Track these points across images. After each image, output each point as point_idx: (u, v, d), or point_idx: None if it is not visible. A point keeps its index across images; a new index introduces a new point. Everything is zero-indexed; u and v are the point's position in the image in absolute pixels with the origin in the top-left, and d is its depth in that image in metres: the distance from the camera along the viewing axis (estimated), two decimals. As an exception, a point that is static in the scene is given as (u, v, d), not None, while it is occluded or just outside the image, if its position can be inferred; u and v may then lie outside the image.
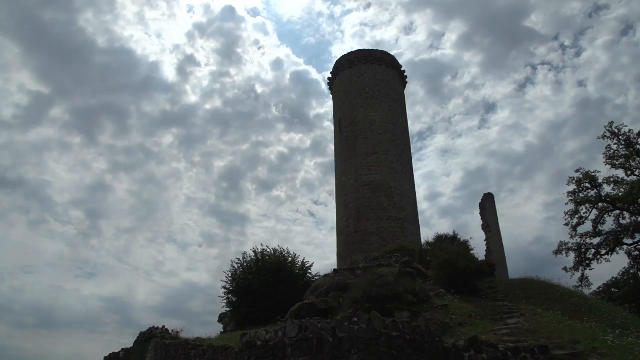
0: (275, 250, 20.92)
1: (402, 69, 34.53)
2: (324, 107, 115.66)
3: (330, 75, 35.14)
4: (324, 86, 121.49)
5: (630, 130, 26.13)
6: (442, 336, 10.17)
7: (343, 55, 33.98)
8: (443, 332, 11.25)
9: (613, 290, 25.46)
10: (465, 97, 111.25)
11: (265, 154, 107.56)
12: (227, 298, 20.42)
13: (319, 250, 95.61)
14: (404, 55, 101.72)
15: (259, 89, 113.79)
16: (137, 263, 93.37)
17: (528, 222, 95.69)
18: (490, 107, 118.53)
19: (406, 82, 35.29)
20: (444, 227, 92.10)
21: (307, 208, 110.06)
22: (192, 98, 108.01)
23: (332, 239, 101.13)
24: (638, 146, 26.07)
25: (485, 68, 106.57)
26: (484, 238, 29.28)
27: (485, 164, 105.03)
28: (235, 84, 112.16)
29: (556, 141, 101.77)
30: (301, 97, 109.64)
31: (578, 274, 27.10)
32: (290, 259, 20.73)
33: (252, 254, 20.73)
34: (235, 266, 20.63)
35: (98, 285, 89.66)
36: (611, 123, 26.58)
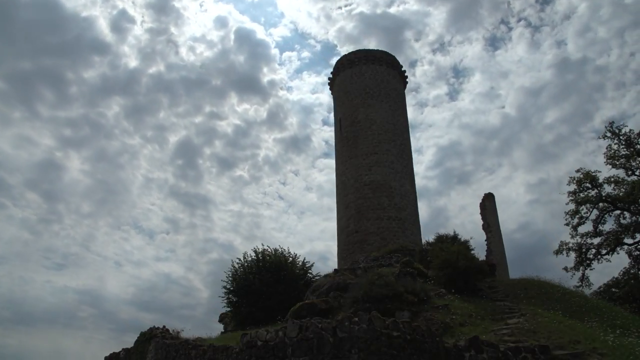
0: (275, 250, 20.99)
1: (403, 69, 34.65)
2: (277, 73, 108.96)
3: (330, 75, 35.23)
4: (275, 51, 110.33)
5: (630, 130, 26.52)
6: (443, 336, 10.19)
7: (343, 55, 34.20)
8: (443, 332, 11.25)
9: (613, 290, 25.46)
10: (430, 60, 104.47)
11: (222, 127, 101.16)
12: (228, 298, 20.45)
13: (292, 238, 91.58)
14: (357, 8, 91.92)
15: (204, 51, 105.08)
16: (105, 252, 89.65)
17: (511, 206, 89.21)
18: (460, 72, 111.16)
19: (407, 82, 35.38)
20: (421, 212, 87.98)
21: (274, 189, 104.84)
22: (133, 62, 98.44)
23: (302, 225, 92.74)
24: (638, 146, 26.22)
25: (451, 22, 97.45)
26: (484, 238, 29.26)
27: (458, 138, 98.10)
28: (177, 45, 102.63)
29: (534, 111, 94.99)
30: (250, 60, 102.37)
31: (578, 274, 27.19)
32: (290, 258, 20.78)
33: (253, 253, 20.79)
34: (236, 266, 20.66)
35: (69, 276, 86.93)
36: (612, 123, 26.85)
